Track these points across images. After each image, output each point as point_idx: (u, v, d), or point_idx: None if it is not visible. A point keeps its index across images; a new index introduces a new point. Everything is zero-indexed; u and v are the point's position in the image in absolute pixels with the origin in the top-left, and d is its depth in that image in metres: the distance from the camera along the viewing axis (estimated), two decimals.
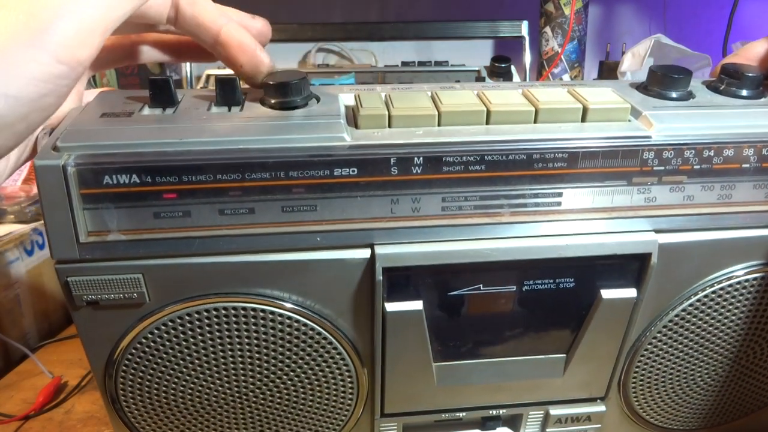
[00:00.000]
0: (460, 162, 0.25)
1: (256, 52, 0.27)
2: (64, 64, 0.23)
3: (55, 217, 0.24)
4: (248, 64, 0.27)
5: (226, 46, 0.27)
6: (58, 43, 0.22)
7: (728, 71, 0.30)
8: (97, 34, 0.23)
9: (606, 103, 0.27)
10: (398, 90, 0.29)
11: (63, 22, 0.22)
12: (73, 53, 0.23)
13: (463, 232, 0.27)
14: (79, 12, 0.23)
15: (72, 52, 0.23)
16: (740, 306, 0.31)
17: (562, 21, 0.75)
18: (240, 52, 0.27)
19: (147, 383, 0.29)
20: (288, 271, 0.27)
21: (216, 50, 0.27)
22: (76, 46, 0.23)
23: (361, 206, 0.26)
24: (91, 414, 0.41)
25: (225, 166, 0.24)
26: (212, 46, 0.27)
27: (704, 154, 0.27)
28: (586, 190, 0.27)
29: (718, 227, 0.28)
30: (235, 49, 0.27)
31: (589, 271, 0.29)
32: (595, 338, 0.31)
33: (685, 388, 0.34)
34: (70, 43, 0.23)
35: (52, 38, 0.22)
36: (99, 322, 0.27)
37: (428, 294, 0.28)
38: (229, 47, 0.27)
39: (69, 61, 0.23)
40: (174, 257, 0.26)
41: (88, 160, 0.23)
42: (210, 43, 0.27)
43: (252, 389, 0.30)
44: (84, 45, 0.23)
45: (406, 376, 0.30)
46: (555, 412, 0.34)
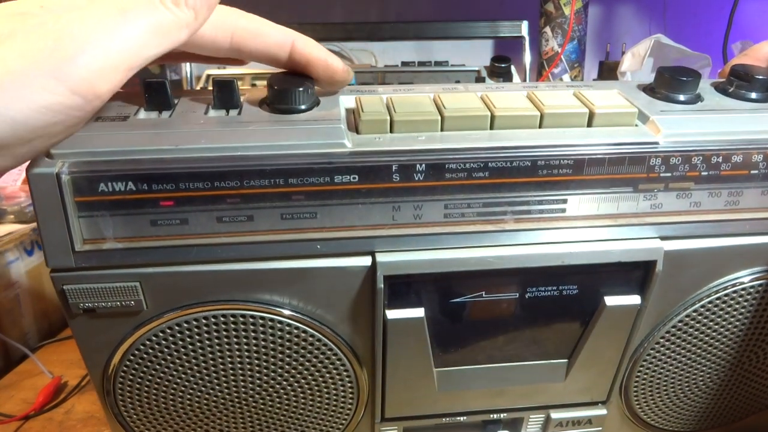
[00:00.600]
0: (463, 169, 0.25)
1: (327, 62, 0.27)
2: (79, 96, 0.22)
3: (49, 225, 0.23)
4: (323, 74, 0.27)
5: (299, 65, 0.27)
6: (79, 76, 0.21)
7: (737, 73, 0.29)
8: (121, 70, 0.22)
9: (613, 108, 0.27)
10: (400, 93, 0.28)
11: (88, 56, 0.21)
12: (91, 87, 0.22)
13: (465, 239, 0.26)
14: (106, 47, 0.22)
15: (91, 85, 0.22)
16: (744, 311, 0.31)
17: (562, 21, 0.75)
18: (312, 66, 0.27)
19: (145, 390, 0.29)
20: (287, 279, 0.26)
21: (289, 68, 0.28)
22: (97, 80, 0.22)
23: (362, 213, 0.25)
24: (91, 414, 0.41)
25: (223, 173, 0.24)
26: (285, 66, 0.28)
27: (712, 161, 0.26)
28: (591, 196, 0.26)
29: (725, 234, 0.28)
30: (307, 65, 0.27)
31: (593, 278, 0.28)
32: (598, 344, 0.30)
33: (686, 392, 0.34)
34: (91, 77, 0.21)
35: (73, 70, 0.21)
36: (96, 329, 0.27)
37: (430, 301, 0.28)
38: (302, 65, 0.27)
39: (86, 95, 0.22)
40: (171, 265, 0.25)
41: (83, 167, 0.23)
42: (283, 65, 0.27)
43: (251, 395, 0.30)
44: (105, 79, 0.22)
45: (406, 381, 0.30)
46: (556, 415, 0.34)
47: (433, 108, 0.26)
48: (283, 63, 0.27)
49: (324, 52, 0.27)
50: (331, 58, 0.27)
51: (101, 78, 0.22)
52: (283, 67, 0.28)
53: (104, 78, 0.22)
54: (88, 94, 0.22)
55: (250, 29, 0.27)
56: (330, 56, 0.27)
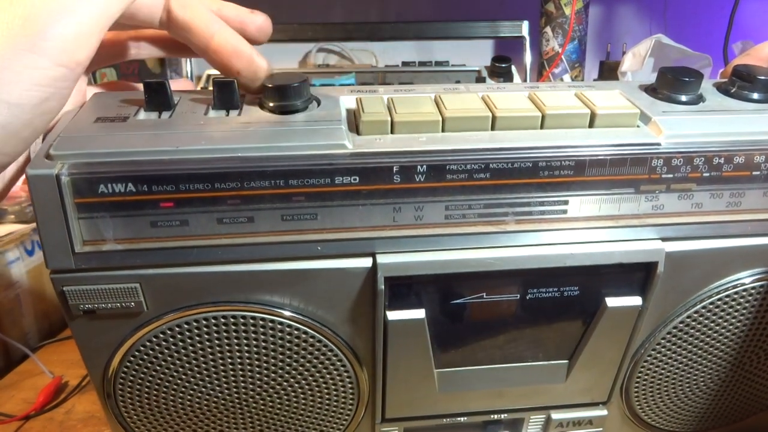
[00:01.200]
0: (464, 170, 0.25)
1: (253, 58, 0.26)
2: (63, 67, 0.22)
3: (49, 226, 0.23)
4: (245, 70, 0.26)
5: (219, 53, 0.26)
6: (56, 46, 0.22)
7: (740, 73, 0.29)
8: (94, 34, 0.23)
9: (614, 108, 0.27)
10: (401, 93, 0.28)
11: (60, 25, 0.22)
12: (71, 55, 0.22)
13: (466, 240, 0.26)
14: (75, 14, 0.22)
15: (70, 54, 0.22)
16: (745, 312, 0.31)
17: (563, 21, 0.74)
18: (235, 58, 0.26)
19: (146, 391, 0.29)
20: (288, 280, 0.26)
21: (209, 57, 0.26)
22: (74, 48, 0.22)
23: (362, 215, 0.25)
24: (92, 414, 0.41)
25: (223, 175, 0.24)
26: (204, 52, 0.26)
27: (714, 162, 0.26)
28: (592, 197, 0.26)
29: (726, 235, 0.28)
30: (229, 55, 0.26)
31: (595, 279, 0.28)
32: (599, 345, 0.30)
33: (687, 392, 0.34)
34: (67, 45, 0.22)
35: (50, 42, 0.22)
36: (96, 330, 0.26)
37: (431, 302, 0.28)
38: (222, 54, 0.26)
39: (68, 63, 0.22)
40: (172, 266, 0.25)
41: (83, 168, 0.23)
42: (202, 48, 0.26)
43: (252, 396, 0.30)
44: (82, 46, 0.23)
45: (407, 382, 0.30)
46: (556, 416, 0.34)
47: (434, 109, 0.26)
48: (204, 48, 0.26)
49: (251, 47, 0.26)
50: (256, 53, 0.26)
51: (77, 45, 0.22)
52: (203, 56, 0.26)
53: (80, 44, 0.22)
54: (69, 63, 0.22)
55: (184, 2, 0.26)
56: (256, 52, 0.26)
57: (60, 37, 0.22)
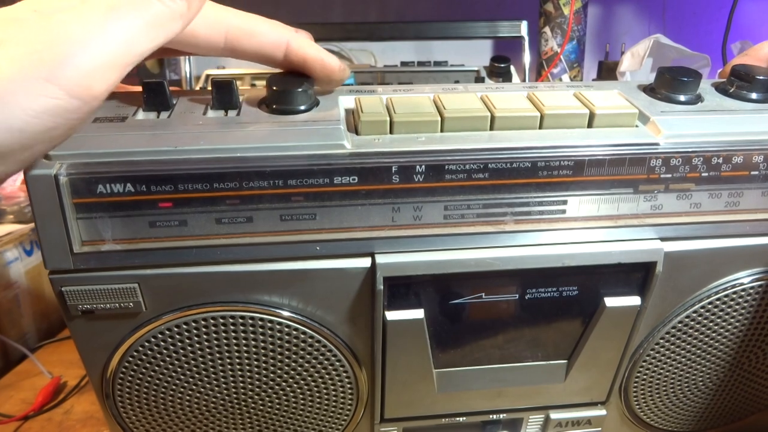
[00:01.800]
0: (463, 170, 0.25)
1: (324, 61, 0.27)
2: (77, 99, 0.21)
3: (47, 226, 0.23)
4: (319, 73, 0.27)
5: (295, 65, 0.27)
6: (73, 77, 0.21)
7: (738, 73, 0.29)
8: (116, 68, 0.22)
9: (613, 108, 0.27)
10: (400, 93, 0.28)
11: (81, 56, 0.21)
12: (88, 88, 0.21)
13: (465, 240, 0.26)
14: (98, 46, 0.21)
15: (87, 86, 0.21)
16: (744, 312, 0.31)
17: (562, 21, 0.74)
18: (309, 65, 0.27)
19: (144, 391, 0.29)
20: (287, 281, 0.26)
21: (285, 68, 0.27)
22: (93, 80, 0.21)
23: (361, 215, 0.25)
24: (91, 414, 0.41)
25: (222, 175, 0.24)
26: (281, 66, 0.27)
27: (713, 162, 0.26)
28: (591, 197, 0.26)
29: (725, 235, 0.28)
30: (303, 64, 0.27)
31: (593, 279, 0.28)
32: (598, 345, 0.30)
33: (686, 392, 0.34)
34: (86, 77, 0.21)
35: (67, 73, 0.20)
36: (95, 331, 0.26)
37: (429, 302, 0.28)
38: (298, 65, 0.27)
39: (83, 96, 0.21)
40: (170, 267, 0.25)
41: (81, 169, 0.23)
42: (278, 64, 0.27)
43: (251, 397, 0.30)
44: (101, 80, 0.21)
45: (406, 382, 0.30)
46: (555, 416, 0.34)
47: (433, 109, 0.26)
48: (278, 62, 0.27)
49: (320, 51, 0.27)
50: (327, 56, 0.27)
51: (96, 78, 0.21)
52: (279, 67, 0.28)
53: (99, 78, 0.21)
54: (84, 96, 0.21)
55: (245, 28, 0.26)
56: (326, 55, 0.27)
57: (79, 68, 0.21)
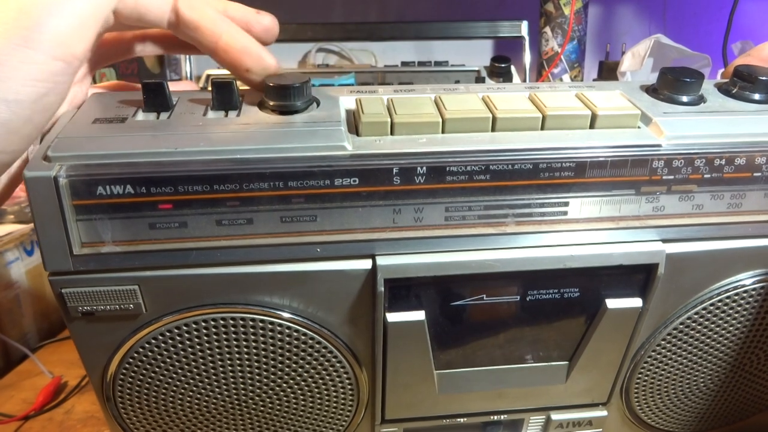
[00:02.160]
0: (464, 171, 0.25)
1: (261, 56, 0.26)
2: (59, 60, 0.22)
3: (47, 228, 0.23)
4: (255, 67, 0.26)
5: (228, 52, 0.26)
6: (52, 39, 0.21)
7: (741, 74, 0.29)
8: (91, 26, 0.23)
9: (615, 110, 0.26)
10: (401, 94, 0.28)
11: (55, 18, 0.21)
12: (67, 48, 0.22)
13: (466, 242, 0.26)
14: (70, 6, 0.22)
15: (67, 47, 0.22)
16: (745, 314, 0.31)
17: (562, 21, 0.74)
18: (245, 56, 0.26)
19: (145, 392, 0.28)
20: (287, 282, 0.26)
21: (217, 56, 0.26)
22: (71, 41, 0.22)
23: (362, 216, 0.25)
24: (91, 414, 0.41)
25: (222, 176, 0.23)
26: (213, 52, 0.26)
27: (715, 163, 0.26)
28: (593, 199, 0.26)
29: (727, 236, 0.28)
30: (238, 53, 0.26)
31: (595, 281, 0.28)
32: (599, 346, 0.30)
33: (687, 393, 0.34)
34: (64, 38, 0.22)
35: (45, 36, 0.21)
36: (95, 332, 0.26)
37: (430, 304, 0.28)
38: (231, 52, 0.26)
39: (64, 57, 0.22)
40: (170, 268, 0.25)
41: (81, 170, 0.23)
42: (211, 48, 0.26)
43: (251, 398, 0.29)
44: (78, 39, 0.22)
45: (407, 384, 0.30)
46: (556, 417, 0.34)
47: (434, 110, 0.26)
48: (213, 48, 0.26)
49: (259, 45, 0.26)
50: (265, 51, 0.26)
51: (74, 38, 0.22)
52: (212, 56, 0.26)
53: (77, 37, 0.22)
54: (66, 56, 0.22)
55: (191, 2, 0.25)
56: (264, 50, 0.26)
57: (55, 30, 0.21)
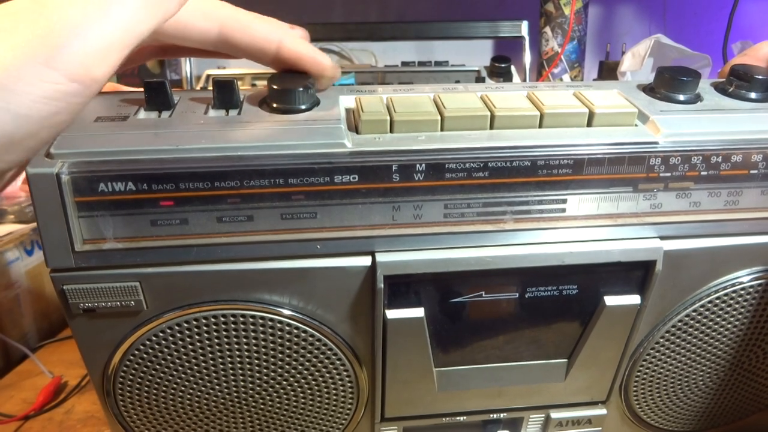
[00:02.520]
0: (463, 169, 0.25)
1: (317, 59, 0.27)
2: (77, 83, 0.22)
3: (49, 225, 0.23)
4: (312, 70, 0.27)
5: (288, 62, 0.27)
6: (73, 61, 0.21)
7: (737, 73, 0.29)
8: (116, 51, 0.22)
9: (612, 108, 0.27)
10: (400, 93, 0.28)
11: (80, 40, 0.21)
12: (87, 72, 0.22)
13: (465, 239, 0.26)
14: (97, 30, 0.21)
15: (87, 70, 0.22)
16: (743, 311, 0.31)
17: (562, 21, 0.75)
18: (302, 63, 0.27)
19: (145, 389, 0.29)
20: (287, 279, 0.26)
21: (277, 65, 0.27)
22: (92, 64, 0.22)
23: (361, 213, 0.25)
24: (91, 414, 0.41)
25: (223, 174, 0.24)
26: (273, 63, 0.27)
27: (712, 161, 0.26)
28: (590, 196, 0.26)
29: (724, 233, 0.28)
30: (296, 62, 0.27)
31: (593, 277, 0.28)
32: (598, 344, 0.30)
33: (686, 391, 0.34)
34: (86, 61, 0.21)
35: (67, 57, 0.21)
36: (96, 329, 0.27)
37: (430, 301, 0.28)
38: (290, 62, 0.27)
39: (83, 80, 0.22)
40: (171, 265, 0.25)
41: (83, 167, 0.23)
42: (270, 60, 0.27)
43: (251, 395, 0.30)
44: (100, 63, 0.22)
45: (406, 381, 0.30)
46: (556, 415, 0.34)
47: (433, 108, 0.26)
48: (271, 58, 0.27)
49: (313, 49, 0.27)
50: (319, 55, 0.27)
51: (96, 61, 0.22)
52: (271, 63, 0.28)
53: (99, 61, 0.22)
54: (85, 80, 0.22)
55: (240, 21, 0.27)
56: (318, 53, 0.27)
57: (78, 52, 0.21)
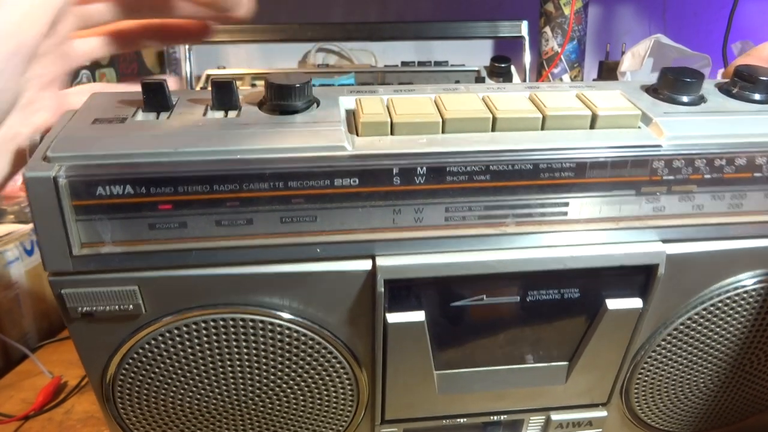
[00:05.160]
0: (464, 172, 0.25)
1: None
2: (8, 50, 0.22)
3: (46, 228, 0.23)
4: None
5: None
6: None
7: (741, 74, 0.29)
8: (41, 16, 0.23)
9: (616, 110, 0.26)
10: (401, 94, 0.28)
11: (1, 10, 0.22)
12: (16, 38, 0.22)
13: (466, 243, 0.26)
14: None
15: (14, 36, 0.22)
16: (746, 314, 0.30)
17: (562, 21, 0.74)
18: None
19: (144, 393, 0.28)
20: (287, 283, 0.26)
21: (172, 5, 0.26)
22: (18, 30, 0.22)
23: (362, 217, 0.25)
24: (91, 414, 0.41)
25: (222, 177, 0.23)
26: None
27: (716, 164, 0.26)
28: (593, 199, 0.26)
29: (728, 237, 0.28)
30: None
31: (595, 281, 0.28)
32: (599, 347, 0.30)
33: (687, 393, 0.34)
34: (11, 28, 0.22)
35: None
36: (94, 333, 0.26)
37: (430, 305, 0.28)
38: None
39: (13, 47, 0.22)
40: (170, 269, 0.25)
41: (80, 171, 0.23)
42: None
43: (251, 398, 0.29)
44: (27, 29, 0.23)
45: (407, 384, 0.30)
46: (556, 417, 0.34)
47: (434, 110, 0.26)
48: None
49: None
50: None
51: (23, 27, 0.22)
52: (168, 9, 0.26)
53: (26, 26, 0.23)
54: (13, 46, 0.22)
55: None
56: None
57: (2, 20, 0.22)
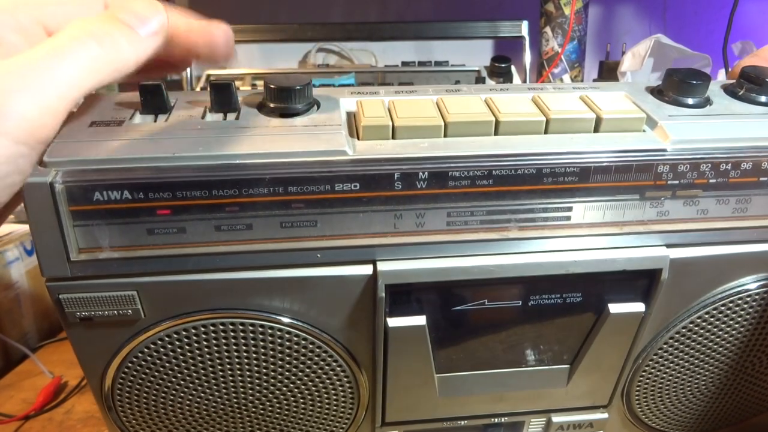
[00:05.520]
0: (466, 176, 0.24)
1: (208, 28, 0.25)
2: (23, 145, 0.21)
3: (44, 234, 0.23)
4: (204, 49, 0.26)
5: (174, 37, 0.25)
6: (16, 126, 0.21)
7: (748, 75, 0.29)
8: (59, 112, 0.22)
9: (620, 113, 0.26)
10: (402, 95, 0.27)
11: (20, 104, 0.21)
12: (31, 133, 0.21)
13: (468, 247, 0.26)
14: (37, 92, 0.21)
15: (30, 132, 0.21)
16: (749, 318, 0.30)
17: (562, 21, 0.74)
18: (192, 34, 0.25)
19: (144, 397, 0.28)
20: (287, 288, 0.26)
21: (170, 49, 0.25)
22: (36, 126, 0.21)
23: (363, 222, 0.25)
24: (91, 414, 0.41)
25: (221, 182, 0.23)
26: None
27: (721, 168, 0.26)
28: (596, 204, 0.26)
29: (732, 241, 0.28)
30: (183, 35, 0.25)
31: (598, 285, 0.28)
32: (601, 350, 0.30)
33: (689, 396, 0.33)
34: (28, 124, 0.21)
35: (9, 121, 0.21)
36: (93, 338, 0.26)
37: (432, 309, 0.27)
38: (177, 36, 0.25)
39: (27, 141, 0.21)
40: (169, 274, 0.25)
41: (77, 176, 0.22)
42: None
43: (251, 402, 0.29)
44: (44, 125, 0.21)
45: (407, 387, 0.30)
46: (557, 419, 0.34)
47: (436, 113, 0.26)
48: None
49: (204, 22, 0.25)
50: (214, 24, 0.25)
51: (40, 123, 0.21)
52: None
53: (43, 122, 0.21)
54: (29, 141, 0.21)
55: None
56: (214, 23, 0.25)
57: (20, 116, 0.21)
